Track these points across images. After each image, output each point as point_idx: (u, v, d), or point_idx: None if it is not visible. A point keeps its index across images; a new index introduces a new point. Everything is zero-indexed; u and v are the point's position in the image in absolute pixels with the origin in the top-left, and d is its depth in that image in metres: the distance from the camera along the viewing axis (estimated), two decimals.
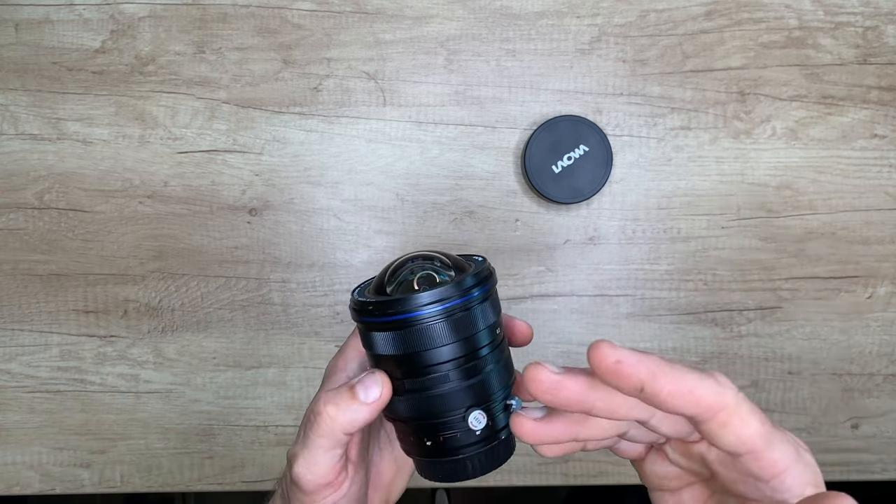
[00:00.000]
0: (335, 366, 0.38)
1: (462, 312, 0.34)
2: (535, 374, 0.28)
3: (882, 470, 0.62)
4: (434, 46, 0.59)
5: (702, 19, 0.59)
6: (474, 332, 0.35)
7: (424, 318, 0.33)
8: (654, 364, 0.26)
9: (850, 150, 0.59)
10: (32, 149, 0.59)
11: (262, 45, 0.59)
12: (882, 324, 0.61)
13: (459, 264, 0.37)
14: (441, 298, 0.33)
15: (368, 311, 0.34)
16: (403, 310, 0.33)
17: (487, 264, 0.37)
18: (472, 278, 0.34)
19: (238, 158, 0.59)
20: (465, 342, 0.34)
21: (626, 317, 0.60)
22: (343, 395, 0.33)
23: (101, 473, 0.61)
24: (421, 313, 0.33)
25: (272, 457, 0.61)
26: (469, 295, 0.34)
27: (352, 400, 0.32)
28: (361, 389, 0.32)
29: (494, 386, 0.36)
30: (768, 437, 0.27)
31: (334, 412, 0.32)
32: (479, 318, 0.35)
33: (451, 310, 0.33)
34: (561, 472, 0.62)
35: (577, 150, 0.57)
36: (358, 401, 0.32)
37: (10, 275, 0.60)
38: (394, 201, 0.60)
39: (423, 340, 0.33)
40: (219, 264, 0.60)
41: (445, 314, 0.33)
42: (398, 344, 0.34)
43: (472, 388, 0.35)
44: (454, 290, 0.33)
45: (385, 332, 0.34)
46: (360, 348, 0.37)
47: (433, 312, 0.33)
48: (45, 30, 0.58)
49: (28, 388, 0.61)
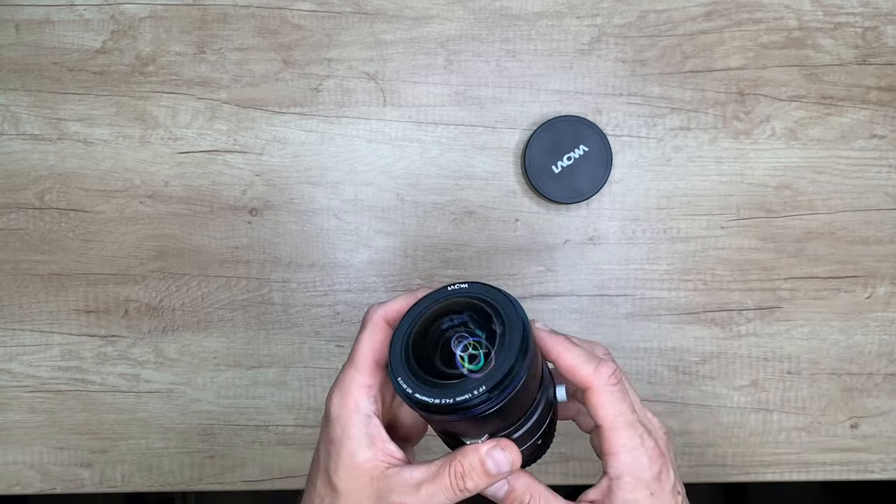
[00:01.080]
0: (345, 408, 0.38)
1: (524, 384, 0.34)
2: None
3: (881, 469, 0.62)
4: (434, 47, 0.59)
5: (701, 20, 0.59)
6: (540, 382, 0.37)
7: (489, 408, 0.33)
8: (561, 344, 0.37)
9: (850, 150, 0.60)
10: (33, 149, 0.59)
11: (263, 45, 0.59)
12: (881, 323, 0.61)
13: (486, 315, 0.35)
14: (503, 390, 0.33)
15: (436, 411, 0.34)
16: (464, 408, 0.33)
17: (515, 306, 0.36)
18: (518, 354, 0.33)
19: (238, 158, 0.59)
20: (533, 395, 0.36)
21: (625, 317, 0.60)
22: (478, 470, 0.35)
23: (101, 473, 0.61)
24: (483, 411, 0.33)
25: (272, 456, 0.61)
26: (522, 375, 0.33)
27: (487, 476, 0.35)
28: (493, 466, 0.35)
29: (550, 386, 0.39)
30: (619, 422, 0.36)
31: (473, 486, 0.35)
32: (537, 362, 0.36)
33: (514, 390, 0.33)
34: (561, 471, 0.62)
35: (577, 151, 0.57)
36: (492, 476, 0.35)
37: (11, 275, 0.60)
38: (394, 201, 0.60)
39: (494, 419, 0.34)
40: (219, 264, 0.60)
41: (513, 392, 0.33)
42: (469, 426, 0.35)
43: (544, 395, 0.37)
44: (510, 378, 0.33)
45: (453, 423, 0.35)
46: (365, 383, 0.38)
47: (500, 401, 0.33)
48: (45, 30, 0.59)
49: (29, 387, 0.61)
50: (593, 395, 0.36)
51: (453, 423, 0.35)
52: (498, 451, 0.35)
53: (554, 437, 0.41)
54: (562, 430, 0.61)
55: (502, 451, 0.35)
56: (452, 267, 0.60)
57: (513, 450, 0.36)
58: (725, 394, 0.61)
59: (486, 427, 0.35)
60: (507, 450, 0.35)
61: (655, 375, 0.61)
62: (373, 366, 0.38)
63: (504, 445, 0.35)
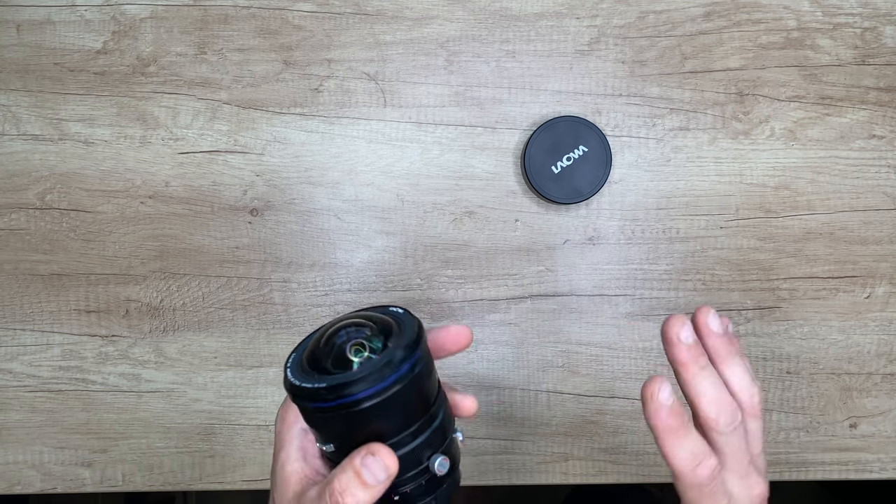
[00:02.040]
0: (285, 421, 0.39)
1: (407, 385, 0.34)
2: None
3: (880, 469, 0.62)
4: (434, 48, 0.59)
5: (700, 20, 0.59)
6: (426, 395, 0.35)
7: (367, 399, 0.33)
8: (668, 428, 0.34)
9: (849, 150, 0.60)
10: (34, 149, 0.59)
11: (263, 45, 0.59)
12: (880, 323, 0.61)
13: (386, 326, 0.36)
14: (383, 379, 0.33)
15: (311, 397, 0.33)
16: (341, 395, 0.32)
17: (415, 323, 0.36)
18: (404, 350, 0.34)
19: (239, 159, 0.59)
20: (416, 407, 0.35)
21: (625, 316, 0.61)
22: (354, 484, 0.34)
23: (102, 472, 0.61)
24: (360, 396, 0.32)
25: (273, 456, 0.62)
26: (406, 367, 0.33)
27: (364, 487, 0.34)
28: (369, 475, 0.34)
29: (446, 429, 0.37)
30: None
31: (353, 501, 0.34)
32: (426, 383, 0.35)
33: (396, 383, 0.33)
34: (560, 471, 0.62)
35: (577, 151, 0.57)
36: (369, 486, 0.34)
37: (12, 275, 0.60)
38: (394, 201, 0.60)
39: (375, 421, 0.34)
40: (220, 264, 0.60)
41: (391, 392, 0.33)
42: (349, 424, 0.34)
43: (429, 441, 0.36)
44: (390, 368, 0.33)
45: (331, 415, 0.34)
46: None
47: (377, 391, 0.33)
48: (46, 31, 0.59)
49: (30, 387, 0.61)
50: (683, 489, 0.36)
51: (331, 422, 0.34)
52: (370, 458, 0.33)
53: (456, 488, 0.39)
54: (561, 430, 0.62)
55: (373, 457, 0.33)
56: (452, 267, 0.60)
57: (385, 453, 0.34)
58: None
59: (362, 434, 0.34)
60: (377, 454, 0.33)
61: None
62: None
63: (374, 450, 0.34)
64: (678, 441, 0.34)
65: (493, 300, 0.60)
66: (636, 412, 0.61)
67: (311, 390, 0.33)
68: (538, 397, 0.61)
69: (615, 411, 0.61)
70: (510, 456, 0.62)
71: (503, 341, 0.61)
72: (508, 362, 0.61)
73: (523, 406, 0.61)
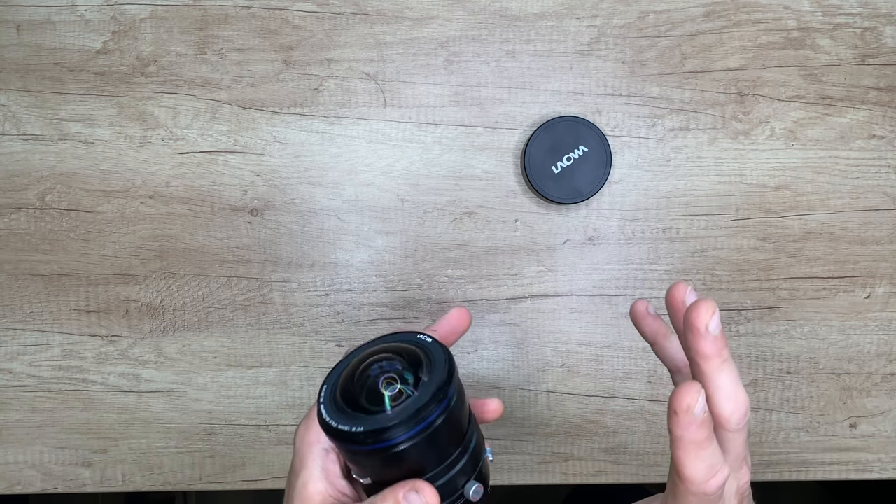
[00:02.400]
0: (305, 441, 0.39)
1: (442, 423, 0.34)
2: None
3: (880, 469, 0.62)
4: (434, 48, 0.59)
5: (700, 20, 0.59)
6: (461, 426, 0.36)
7: (405, 443, 0.33)
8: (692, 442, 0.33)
9: (849, 150, 0.60)
10: (34, 149, 0.59)
11: (263, 45, 0.59)
12: (880, 323, 0.61)
13: (415, 357, 0.37)
14: (420, 422, 0.33)
15: (349, 440, 0.34)
16: (382, 439, 0.33)
17: (444, 355, 0.36)
18: (438, 389, 0.34)
19: (239, 159, 0.59)
20: (451, 440, 0.35)
21: (625, 316, 0.61)
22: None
23: (102, 472, 0.62)
24: (397, 440, 0.33)
25: (273, 456, 0.62)
26: (442, 406, 0.34)
27: None
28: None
29: (479, 454, 0.38)
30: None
31: None
32: (459, 414, 0.36)
33: (432, 424, 0.34)
34: (560, 471, 0.62)
35: (577, 151, 0.57)
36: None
37: (12, 275, 0.60)
38: (394, 201, 0.60)
39: (412, 460, 0.34)
40: (220, 264, 0.60)
41: (428, 433, 0.34)
42: (386, 464, 0.34)
43: (464, 468, 0.36)
44: (427, 410, 0.34)
45: (368, 456, 0.34)
46: None
47: (415, 434, 0.33)
48: (46, 31, 0.59)
49: (29, 387, 0.61)
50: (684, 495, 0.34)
51: (369, 461, 0.35)
52: (413, 494, 0.34)
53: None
54: (561, 430, 0.62)
55: (416, 494, 0.34)
56: (452, 267, 0.60)
57: (428, 492, 0.34)
58: None
59: (401, 471, 0.35)
60: (421, 492, 0.34)
61: (655, 375, 0.61)
62: None
63: (419, 487, 0.34)
64: (700, 453, 0.33)
65: (493, 300, 0.60)
66: (636, 412, 0.61)
67: (348, 434, 0.34)
68: (538, 397, 0.61)
69: (615, 411, 0.61)
70: (510, 456, 0.62)
71: (503, 341, 0.61)
72: (508, 362, 0.61)
73: (523, 406, 0.61)
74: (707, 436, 0.33)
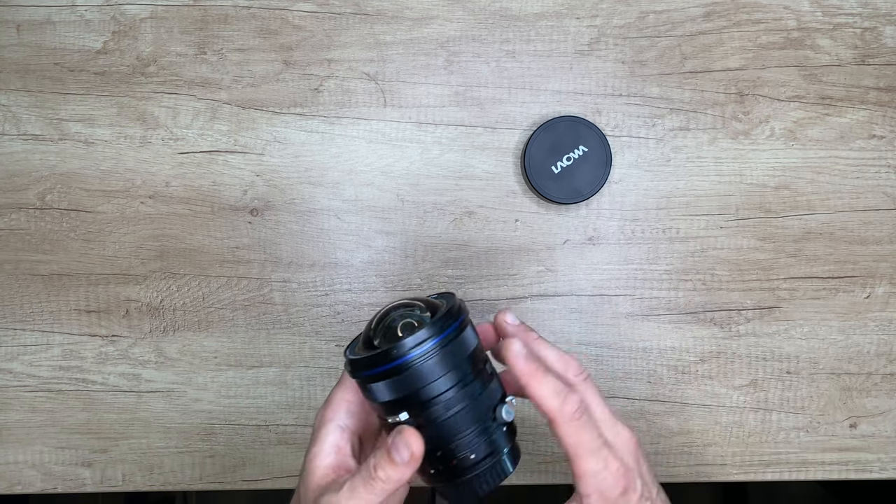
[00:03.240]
0: (324, 416, 0.42)
1: (449, 344, 0.38)
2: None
3: (880, 469, 0.62)
4: (434, 48, 0.59)
5: (700, 20, 0.59)
6: (476, 351, 0.40)
7: (415, 360, 0.37)
8: (533, 374, 0.39)
9: (849, 150, 0.60)
10: (34, 149, 0.59)
11: (263, 46, 0.59)
12: (880, 323, 0.61)
13: (434, 306, 0.41)
14: (424, 339, 0.37)
15: (363, 365, 0.38)
16: (393, 357, 0.37)
17: (456, 300, 0.41)
18: (444, 317, 0.38)
19: (239, 159, 0.59)
20: (463, 367, 0.38)
21: (624, 316, 0.61)
22: (384, 460, 0.38)
23: (102, 472, 0.62)
24: (409, 357, 0.37)
25: (273, 456, 0.62)
26: (448, 330, 0.38)
27: (393, 465, 0.37)
28: (395, 454, 0.37)
29: (500, 388, 0.41)
30: (583, 451, 0.39)
31: (384, 475, 0.37)
32: (469, 348, 0.39)
33: (440, 344, 0.37)
34: (560, 470, 0.62)
35: (577, 151, 0.57)
36: (396, 464, 0.37)
37: (12, 275, 0.60)
38: (394, 201, 0.60)
39: (420, 378, 0.38)
40: (220, 264, 0.60)
41: (434, 350, 0.37)
42: (398, 388, 0.38)
43: (493, 390, 0.40)
44: (433, 329, 0.38)
45: (383, 381, 0.38)
46: (346, 397, 0.42)
47: (423, 351, 0.37)
48: (46, 31, 0.59)
49: (30, 387, 0.61)
50: (558, 428, 0.39)
51: (387, 389, 0.38)
52: (397, 436, 0.38)
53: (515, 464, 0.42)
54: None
55: (399, 436, 0.38)
56: (452, 267, 0.60)
57: (412, 436, 0.38)
58: (724, 393, 0.61)
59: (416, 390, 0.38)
60: (403, 433, 0.38)
61: (655, 375, 0.61)
62: (357, 386, 0.41)
63: (401, 429, 0.38)
64: (542, 381, 0.39)
65: (493, 300, 0.60)
66: (636, 412, 0.61)
67: (361, 362, 0.38)
68: None
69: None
70: None
71: None
72: None
73: (523, 406, 0.61)
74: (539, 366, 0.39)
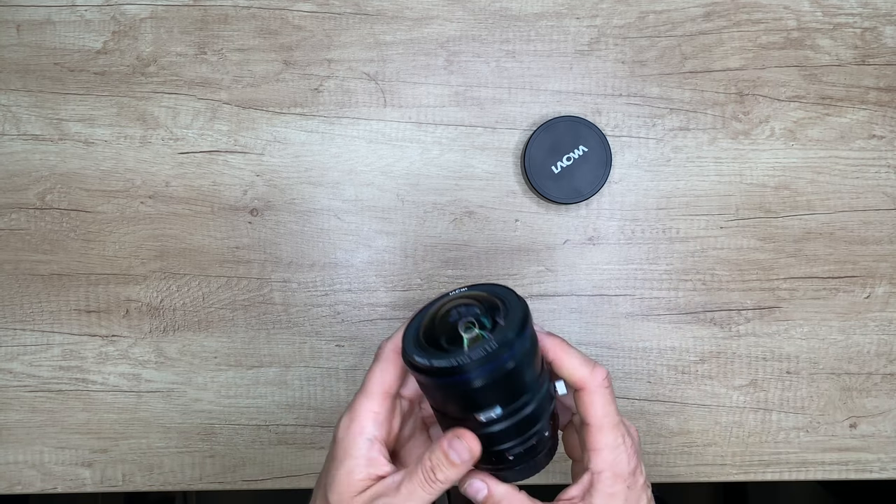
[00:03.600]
0: (350, 432, 0.41)
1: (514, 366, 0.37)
2: None
3: (880, 469, 0.62)
4: (434, 48, 0.59)
5: (700, 20, 0.59)
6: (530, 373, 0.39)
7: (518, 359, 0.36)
8: (560, 346, 0.41)
9: (849, 150, 0.60)
10: (34, 149, 0.59)
11: (263, 46, 0.59)
12: (880, 323, 0.61)
13: (493, 304, 0.40)
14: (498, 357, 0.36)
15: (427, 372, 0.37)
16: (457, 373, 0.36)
17: (522, 303, 0.40)
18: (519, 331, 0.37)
19: (239, 159, 0.59)
20: (521, 384, 0.38)
21: (624, 316, 0.61)
22: (444, 463, 0.38)
23: (102, 472, 0.62)
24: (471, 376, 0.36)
25: (273, 456, 0.62)
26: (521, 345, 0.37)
27: (453, 466, 0.38)
28: (454, 455, 0.38)
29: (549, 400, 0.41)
30: (607, 422, 0.40)
31: (444, 476, 0.38)
32: (532, 360, 0.38)
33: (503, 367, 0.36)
34: (560, 470, 0.62)
35: (577, 151, 0.57)
36: (456, 465, 0.38)
37: (12, 275, 0.60)
38: (394, 201, 0.60)
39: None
40: (220, 264, 0.60)
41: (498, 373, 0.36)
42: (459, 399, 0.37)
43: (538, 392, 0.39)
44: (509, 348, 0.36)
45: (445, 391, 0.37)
46: (373, 409, 0.41)
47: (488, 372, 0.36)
48: (46, 31, 0.59)
49: (30, 387, 0.61)
50: (587, 396, 0.40)
51: (444, 394, 0.38)
52: (456, 440, 0.38)
53: (554, 452, 0.43)
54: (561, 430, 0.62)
55: (459, 440, 0.38)
56: (452, 267, 0.60)
57: (469, 438, 0.38)
58: (724, 393, 0.61)
59: (476, 404, 0.37)
60: (462, 438, 0.38)
61: (654, 375, 0.61)
62: (382, 395, 0.41)
63: (460, 434, 0.38)
64: (570, 351, 0.40)
65: None
66: (636, 412, 0.61)
67: (427, 368, 0.37)
68: None
69: None
70: None
71: None
72: None
73: None
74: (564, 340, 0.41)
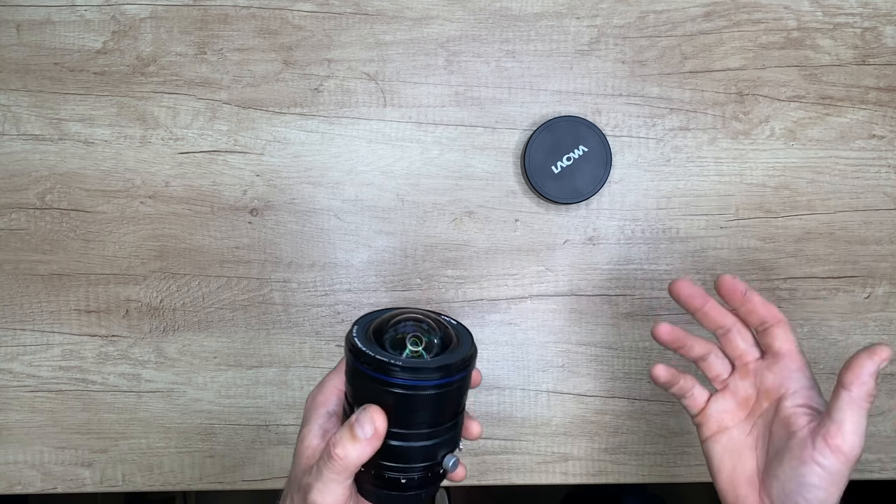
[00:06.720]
0: (314, 401, 0.43)
1: (457, 388, 0.39)
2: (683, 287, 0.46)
3: (880, 469, 0.62)
4: (434, 47, 0.59)
5: (700, 20, 0.59)
6: (460, 402, 0.41)
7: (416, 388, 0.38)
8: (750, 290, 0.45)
9: (849, 150, 0.60)
10: (34, 149, 0.59)
11: (263, 45, 0.59)
12: (880, 323, 0.61)
13: (448, 335, 0.41)
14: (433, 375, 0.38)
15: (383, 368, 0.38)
16: (395, 373, 0.37)
17: (474, 347, 0.41)
18: (462, 362, 0.39)
19: (239, 159, 0.59)
20: (453, 409, 0.40)
21: (625, 316, 0.61)
22: (346, 436, 0.38)
23: (102, 472, 0.62)
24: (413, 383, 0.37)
25: (273, 456, 0.62)
26: (464, 372, 0.39)
27: (354, 440, 0.38)
28: (359, 429, 0.38)
29: (457, 439, 0.42)
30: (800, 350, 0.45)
31: (343, 452, 0.38)
32: (465, 392, 0.41)
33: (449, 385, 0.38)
34: (560, 471, 0.62)
35: (577, 151, 0.57)
36: (358, 440, 0.38)
37: (12, 275, 0.60)
38: (394, 201, 0.60)
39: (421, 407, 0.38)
40: (220, 264, 0.60)
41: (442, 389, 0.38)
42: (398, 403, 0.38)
43: (448, 441, 0.41)
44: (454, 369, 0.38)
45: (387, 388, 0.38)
46: (340, 386, 0.43)
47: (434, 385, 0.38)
48: (46, 31, 0.59)
49: (30, 387, 0.61)
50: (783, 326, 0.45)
51: (363, 386, 0.39)
52: (363, 413, 0.38)
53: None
54: (561, 430, 0.62)
55: (365, 412, 0.38)
56: (452, 267, 0.60)
57: (378, 413, 0.38)
58: None
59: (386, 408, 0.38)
60: (370, 410, 0.38)
61: None
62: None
63: (369, 408, 0.38)
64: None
65: (493, 300, 0.60)
66: (636, 412, 0.61)
67: (364, 355, 0.38)
68: (538, 397, 0.61)
69: (615, 411, 0.61)
70: (510, 456, 0.62)
71: (503, 341, 0.61)
72: (508, 362, 0.61)
73: (523, 406, 0.61)
74: None
